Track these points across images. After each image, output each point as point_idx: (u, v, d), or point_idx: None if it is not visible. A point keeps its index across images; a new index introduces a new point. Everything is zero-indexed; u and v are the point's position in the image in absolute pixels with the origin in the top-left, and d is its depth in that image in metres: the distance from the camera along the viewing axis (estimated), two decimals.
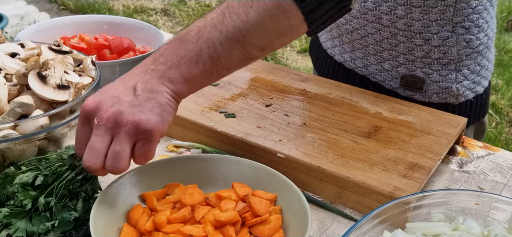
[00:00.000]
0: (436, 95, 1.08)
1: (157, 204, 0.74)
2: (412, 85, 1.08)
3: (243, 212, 0.72)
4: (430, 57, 1.05)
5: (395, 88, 1.10)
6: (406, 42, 1.04)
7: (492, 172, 0.92)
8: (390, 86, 1.11)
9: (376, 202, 0.78)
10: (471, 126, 1.14)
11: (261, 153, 0.87)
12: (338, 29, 1.14)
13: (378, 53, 1.09)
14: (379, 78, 1.12)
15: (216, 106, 0.98)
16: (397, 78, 1.09)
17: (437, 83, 1.07)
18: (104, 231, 0.68)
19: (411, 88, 1.09)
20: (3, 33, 0.95)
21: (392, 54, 1.07)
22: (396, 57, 1.07)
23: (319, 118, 0.96)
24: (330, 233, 0.76)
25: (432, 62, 1.05)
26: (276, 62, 3.57)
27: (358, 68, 1.14)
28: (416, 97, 1.09)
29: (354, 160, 0.84)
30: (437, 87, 1.07)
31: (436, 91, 1.08)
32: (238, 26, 0.71)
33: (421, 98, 1.09)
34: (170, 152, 0.93)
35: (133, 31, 1.26)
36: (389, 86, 1.11)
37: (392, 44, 1.06)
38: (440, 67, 1.06)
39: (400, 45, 1.05)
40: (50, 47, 0.93)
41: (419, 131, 0.94)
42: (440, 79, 1.07)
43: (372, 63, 1.11)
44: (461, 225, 0.65)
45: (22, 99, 0.76)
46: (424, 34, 1.02)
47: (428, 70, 1.06)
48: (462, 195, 0.68)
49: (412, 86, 1.08)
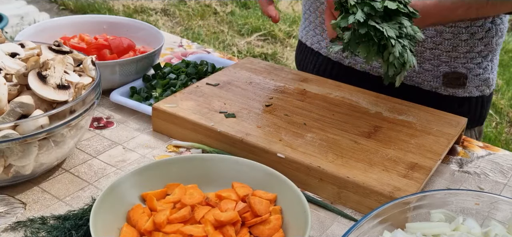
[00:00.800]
0: (476, 88, 1.10)
1: (157, 204, 0.74)
2: (454, 82, 1.09)
3: (243, 212, 0.72)
4: (473, 50, 1.06)
5: (435, 87, 1.10)
6: (452, 38, 1.05)
7: (492, 172, 0.92)
8: (430, 86, 1.11)
9: (376, 202, 0.78)
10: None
11: (261, 153, 0.87)
12: None
13: (419, 54, 1.08)
14: (417, 80, 1.11)
15: (216, 106, 0.98)
16: (439, 77, 1.09)
17: (478, 76, 1.09)
18: (104, 231, 0.68)
19: (453, 85, 1.09)
20: (3, 33, 0.95)
21: (434, 53, 1.07)
22: (439, 55, 1.07)
23: (319, 118, 0.96)
24: (330, 233, 0.76)
25: (475, 56, 1.07)
26: (276, 62, 3.57)
27: None
28: (458, 94, 1.10)
29: (354, 160, 0.84)
30: (478, 80, 1.09)
31: (476, 84, 1.09)
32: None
33: (463, 93, 1.10)
34: (170, 152, 0.93)
35: (133, 31, 1.26)
36: (429, 86, 1.11)
37: (436, 42, 1.06)
38: (481, 60, 1.07)
39: (445, 42, 1.05)
40: (50, 47, 0.93)
41: (419, 131, 0.94)
42: (480, 71, 1.08)
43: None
44: (461, 225, 0.65)
45: (22, 99, 0.76)
46: (470, 28, 1.04)
47: (470, 64, 1.07)
48: (462, 195, 0.68)
49: (454, 83, 1.09)
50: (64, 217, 0.75)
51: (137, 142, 0.96)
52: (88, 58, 0.90)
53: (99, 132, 0.98)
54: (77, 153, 0.91)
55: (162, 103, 0.98)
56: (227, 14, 4.43)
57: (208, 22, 4.29)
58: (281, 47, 3.89)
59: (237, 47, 3.87)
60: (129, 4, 4.51)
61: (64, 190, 0.82)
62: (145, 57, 1.11)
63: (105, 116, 1.04)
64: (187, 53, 1.37)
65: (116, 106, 1.07)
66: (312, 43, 1.25)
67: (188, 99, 1.00)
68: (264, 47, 3.89)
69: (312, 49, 1.26)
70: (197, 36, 4.00)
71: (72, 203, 0.79)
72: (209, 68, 1.18)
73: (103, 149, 0.93)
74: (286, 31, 4.07)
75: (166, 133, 0.98)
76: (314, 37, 1.24)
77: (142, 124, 1.01)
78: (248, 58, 1.21)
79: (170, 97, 1.00)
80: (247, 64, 1.17)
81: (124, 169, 0.88)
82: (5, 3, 4.35)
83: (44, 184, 0.83)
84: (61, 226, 0.73)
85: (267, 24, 4.17)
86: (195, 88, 1.05)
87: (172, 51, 1.37)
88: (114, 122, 1.02)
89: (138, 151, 0.93)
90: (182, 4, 4.58)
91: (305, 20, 1.28)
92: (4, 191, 0.81)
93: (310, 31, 1.25)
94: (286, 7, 4.62)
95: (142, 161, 0.90)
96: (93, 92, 0.83)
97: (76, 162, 0.89)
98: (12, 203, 0.79)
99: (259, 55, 3.76)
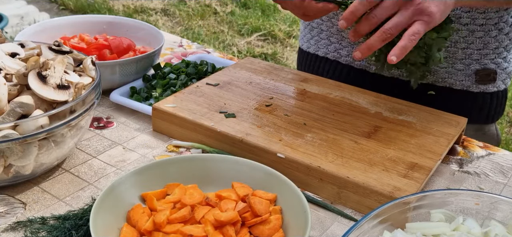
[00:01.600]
0: (502, 82, 1.11)
1: (157, 204, 0.74)
2: (485, 79, 1.10)
3: (243, 212, 0.72)
4: (501, 45, 1.07)
5: (467, 86, 1.11)
6: (483, 36, 1.06)
7: (492, 172, 0.92)
8: (462, 85, 1.11)
9: (376, 202, 0.78)
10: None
11: (261, 153, 0.87)
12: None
13: (451, 54, 1.09)
14: (449, 81, 1.11)
15: (216, 106, 0.98)
16: (470, 75, 1.10)
17: (505, 70, 1.10)
18: (104, 231, 0.68)
19: (485, 81, 1.10)
20: (3, 33, 0.95)
21: (466, 52, 1.08)
22: (470, 54, 1.08)
23: (319, 118, 0.96)
24: (330, 233, 0.76)
25: (502, 51, 1.08)
26: (276, 62, 3.57)
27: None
28: (489, 89, 1.11)
29: (354, 160, 0.84)
30: (505, 73, 1.11)
31: (503, 78, 1.11)
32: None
33: (493, 88, 1.11)
34: (170, 152, 0.93)
35: (133, 31, 1.26)
36: (461, 85, 1.12)
37: (468, 41, 1.07)
38: (506, 54, 1.09)
39: (476, 41, 1.06)
40: (50, 47, 0.93)
41: (419, 131, 0.94)
42: (506, 65, 1.10)
43: (441, 67, 1.11)
44: (461, 225, 0.65)
45: (22, 99, 0.76)
46: (499, 24, 1.05)
47: (498, 59, 1.09)
48: (462, 195, 0.68)
49: (485, 79, 1.10)
50: (64, 217, 0.75)
51: (137, 142, 0.96)
52: (88, 58, 0.90)
53: (99, 132, 0.98)
54: (77, 153, 0.91)
55: (162, 103, 0.98)
56: (227, 14, 4.43)
57: (208, 22, 4.29)
58: (281, 47, 3.89)
59: (237, 47, 3.87)
60: (129, 4, 4.51)
61: (64, 190, 0.82)
62: (145, 57, 1.11)
63: (105, 116, 1.04)
64: (187, 53, 1.37)
65: (116, 106, 1.07)
66: (327, 52, 1.24)
67: (188, 99, 1.00)
68: (264, 47, 3.89)
69: (327, 58, 1.24)
70: (197, 36, 4.00)
71: (72, 203, 0.79)
72: (209, 68, 1.18)
73: (103, 149, 0.93)
74: (286, 31, 4.07)
75: (166, 133, 0.98)
76: (329, 45, 1.22)
77: (142, 124, 1.01)
78: (248, 58, 1.21)
79: (170, 97, 1.00)
80: (247, 64, 1.17)
81: (124, 169, 0.88)
82: (5, 3, 4.35)
83: (44, 184, 0.83)
84: (61, 226, 0.73)
85: (267, 24, 4.17)
86: (195, 88, 1.05)
87: (172, 51, 1.37)
88: (114, 122, 1.02)
89: (138, 151, 0.93)
90: (182, 4, 4.58)
91: (312, 29, 1.26)
92: (4, 191, 0.81)
93: (321, 40, 1.24)
94: None
95: (142, 161, 0.90)
96: (93, 92, 0.83)
97: (76, 162, 0.89)
98: (12, 203, 0.79)
99: (259, 55, 3.76)
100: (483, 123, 1.11)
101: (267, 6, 4.56)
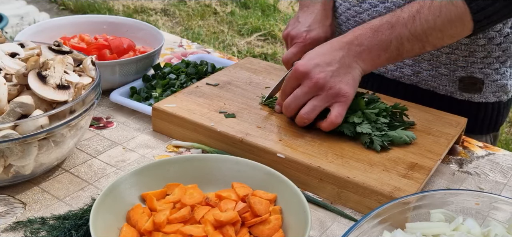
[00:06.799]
0: (493, 94, 1.09)
1: (157, 204, 0.74)
2: (470, 87, 1.08)
3: (243, 212, 0.72)
4: (491, 56, 1.04)
5: (451, 92, 1.09)
6: (469, 43, 1.03)
7: (492, 172, 0.92)
8: (445, 91, 1.10)
9: (376, 202, 0.78)
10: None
11: (261, 153, 0.87)
12: None
13: (435, 58, 1.07)
14: (432, 84, 1.10)
15: (216, 106, 0.98)
16: (454, 82, 1.08)
17: (495, 82, 1.07)
18: (104, 231, 0.68)
19: (469, 90, 1.08)
20: (3, 33, 0.95)
21: (451, 57, 1.06)
22: (456, 60, 1.06)
23: None
24: (330, 233, 0.76)
25: (492, 61, 1.05)
26: (276, 62, 3.57)
27: (405, 77, 1.12)
28: (474, 99, 1.09)
29: (354, 160, 0.84)
30: (495, 86, 1.08)
31: (493, 90, 1.08)
32: (425, 30, 0.89)
33: (479, 99, 1.09)
34: (170, 152, 0.93)
35: (133, 31, 1.26)
36: (445, 91, 1.10)
37: (453, 47, 1.05)
38: (498, 66, 1.06)
39: (461, 47, 1.04)
40: (50, 47, 0.93)
41: (419, 131, 0.94)
42: (498, 77, 1.07)
43: (425, 69, 1.09)
44: (461, 225, 0.65)
45: (22, 99, 0.76)
46: (488, 32, 1.02)
47: (487, 70, 1.06)
48: (462, 195, 0.68)
49: (470, 88, 1.08)
50: (64, 217, 0.75)
51: (137, 142, 0.96)
52: (88, 58, 0.90)
53: (99, 132, 0.98)
54: (77, 153, 0.91)
55: (162, 103, 0.98)
56: (227, 14, 4.43)
57: (208, 22, 4.29)
58: (281, 47, 3.90)
59: (237, 47, 3.87)
60: (129, 4, 4.51)
61: (64, 190, 0.82)
62: (145, 57, 1.11)
63: (105, 116, 1.04)
64: (187, 53, 1.37)
65: (116, 106, 1.07)
66: None
67: (188, 99, 1.00)
68: (264, 47, 3.90)
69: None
70: (197, 36, 4.00)
71: (72, 203, 0.79)
72: (209, 68, 1.18)
73: (103, 149, 0.93)
74: None
75: (166, 133, 0.98)
76: None
77: (142, 124, 1.01)
78: (248, 58, 1.21)
79: (170, 97, 1.00)
80: (247, 64, 1.17)
81: (124, 169, 0.88)
82: (5, 3, 4.35)
83: (44, 184, 0.83)
84: (61, 226, 0.73)
85: (267, 24, 4.17)
86: (195, 88, 1.05)
87: (172, 51, 1.37)
88: (114, 122, 1.02)
89: (138, 151, 0.93)
90: (182, 4, 4.58)
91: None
92: (4, 191, 0.81)
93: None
94: (286, 7, 4.62)
95: (142, 161, 0.90)
96: (93, 92, 0.83)
97: (76, 162, 0.89)
98: (12, 203, 0.79)
99: (259, 55, 3.76)
100: (469, 132, 1.06)
101: (267, 6, 4.56)
